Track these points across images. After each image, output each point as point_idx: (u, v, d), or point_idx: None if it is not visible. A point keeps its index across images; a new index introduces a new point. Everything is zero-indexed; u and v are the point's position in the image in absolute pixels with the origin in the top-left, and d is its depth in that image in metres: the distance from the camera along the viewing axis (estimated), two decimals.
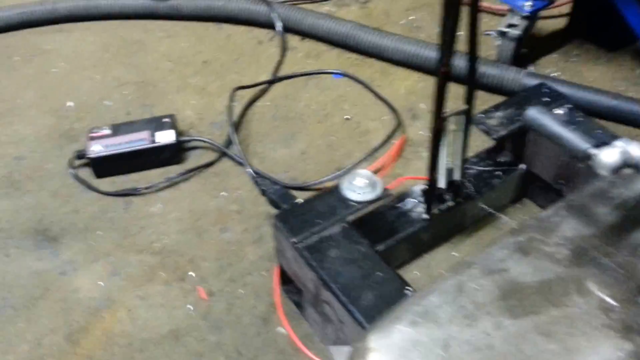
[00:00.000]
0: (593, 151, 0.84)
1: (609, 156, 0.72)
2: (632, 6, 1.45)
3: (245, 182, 1.36)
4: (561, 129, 0.97)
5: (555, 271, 0.65)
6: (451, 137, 1.02)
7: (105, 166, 1.36)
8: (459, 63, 1.47)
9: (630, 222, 0.73)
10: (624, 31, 1.49)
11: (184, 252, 1.21)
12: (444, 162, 1.04)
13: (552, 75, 1.59)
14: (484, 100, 1.53)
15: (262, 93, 1.61)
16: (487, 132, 1.14)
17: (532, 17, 1.53)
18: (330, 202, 1.00)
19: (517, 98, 1.22)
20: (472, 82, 0.97)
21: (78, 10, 1.90)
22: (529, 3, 1.48)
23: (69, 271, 1.18)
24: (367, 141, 1.45)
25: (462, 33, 0.93)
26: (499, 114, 1.17)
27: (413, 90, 1.59)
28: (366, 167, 1.34)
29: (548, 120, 0.99)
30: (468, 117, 1.01)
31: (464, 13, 0.90)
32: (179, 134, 1.43)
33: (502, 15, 1.65)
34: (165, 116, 1.43)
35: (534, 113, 1.03)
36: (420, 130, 1.47)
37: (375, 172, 1.32)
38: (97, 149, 1.34)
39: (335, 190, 1.02)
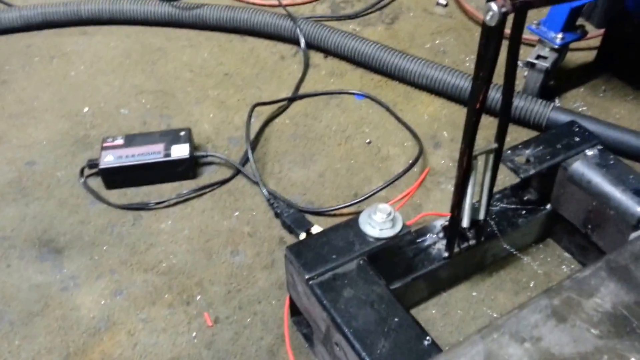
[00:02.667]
0: None
1: None
2: None
3: (259, 202, 1.32)
4: (611, 187, 0.91)
5: (593, 342, 0.59)
6: (478, 176, 0.98)
7: (116, 177, 1.33)
8: (494, 95, 1.45)
9: None
10: None
11: (192, 274, 1.17)
12: (469, 201, 0.99)
13: (579, 109, 1.54)
14: (509, 132, 1.49)
15: (282, 110, 1.58)
16: (515, 171, 1.09)
17: (562, 49, 1.48)
18: (347, 237, 0.96)
19: (547, 136, 1.17)
20: (506, 119, 0.93)
21: (102, 14, 1.88)
22: (560, 35, 1.44)
23: (70, 287, 1.15)
24: (387, 167, 1.41)
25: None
26: (528, 151, 1.12)
27: (436, 117, 1.55)
28: (386, 196, 1.30)
29: (597, 177, 0.94)
30: (498, 156, 0.97)
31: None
32: (194, 148, 1.40)
33: (531, 45, 1.60)
34: (182, 129, 1.40)
35: (580, 167, 0.98)
36: (442, 159, 1.43)
37: (394, 202, 1.29)
38: (108, 160, 1.31)
39: (353, 224, 0.97)
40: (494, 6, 0.75)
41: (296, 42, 1.76)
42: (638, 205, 0.82)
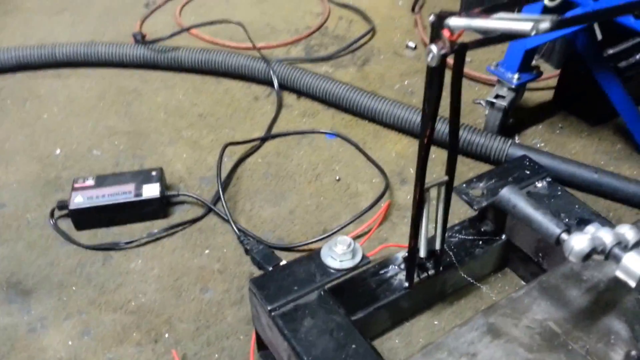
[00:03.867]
0: (564, 237, 0.84)
1: (578, 243, 0.72)
2: (614, 84, 1.48)
3: (230, 240, 1.35)
4: (533, 211, 0.97)
5: (524, 356, 0.63)
6: (432, 208, 1.03)
7: (86, 218, 1.35)
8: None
9: (601, 306, 0.72)
10: (606, 106, 1.52)
11: (161, 312, 1.19)
12: (424, 232, 1.04)
13: (537, 145, 1.61)
14: (471, 167, 1.56)
15: (255, 149, 1.63)
16: (470, 203, 1.14)
17: (519, 89, 1.56)
18: (309, 268, 0.99)
19: (500, 169, 1.23)
20: (454, 155, 0.98)
21: (77, 56, 1.94)
22: (517, 76, 1.51)
23: (38, 328, 1.16)
24: (356, 203, 1.45)
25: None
26: (481, 184, 1.17)
27: (403, 154, 1.61)
28: (353, 231, 1.35)
29: (521, 201, 1.00)
30: (449, 189, 1.01)
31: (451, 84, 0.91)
32: (166, 188, 1.43)
33: (492, 85, 1.68)
34: (153, 169, 1.44)
35: (507, 193, 1.04)
36: (408, 194, 1.48)
37: (361, 236, 1.33)
38: (78, 201, 1.34)
39: (315, 256, 1.01)
40: (433, 48, 0.81)
41: (270, 84, 1.83)
42: (557, 227, 0.87)
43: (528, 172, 1.21)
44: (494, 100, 1.55)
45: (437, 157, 1.57)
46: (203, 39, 2.08)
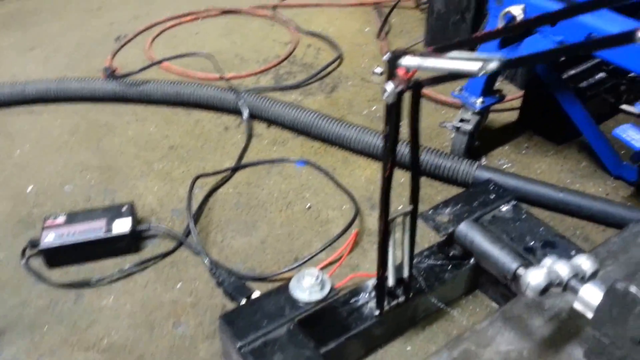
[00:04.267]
0: (520, 272, 0.87)
1: (535, 278, 0.74)
2: (575, 104, 1.53)
3: (202, 272, 1.35)
4: (490, 247, 1.00)
5: None
6: (398, 236, 1.05)
7: (58, 256, 1.35)
8: (424, 157, 1.54)
9: (563, 335, 0.74)
10: (570, 125, 1.56)
11: (134, 349, 1.19)
12: (392, 261, 1.06)
13: (503, 166, 1.65)
14: (439, 190, 1.58)
15: (226, 180, 1.64)
16: (436, 229, 1.17)
17: (483, 112, 1.60)
18: (278, 302, 1.00)
19: (466, 194, 1.25)
20: (416, 185, 1.00)
21: (48, 93, 1.94)
22: (480, 100, 1.55)
23: None
24: (327, 231, 1.47)
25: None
26: (447, 210, 1.20)
27: (373, 180, 1.63)
28: (324, 259, 1.36)
29: (478, 236, 1.03)
30: (414, 217, 1.04)
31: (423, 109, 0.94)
32: (137, 222, 1.44)
33: (459, 107, 1.72)
34: (124, 204, 1.44)
35: (464, 229, 1.07)
36: (378, 220, 1.49)
37: (332, 263, 1.34)
38: (49, 239, 1.34)
39: (283, 290, 1.02)
40: (389, 86, 0.84)
41: (240, 114, 1.84)
42: (514, 262, 0.90)
43: (493, 197, 1.24)
44: (459, 125, 1.59)
45: (407, 181, 1.59)
46: (174, 71, 2.10)
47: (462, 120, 1.60)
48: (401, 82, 0.84)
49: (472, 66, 0.73)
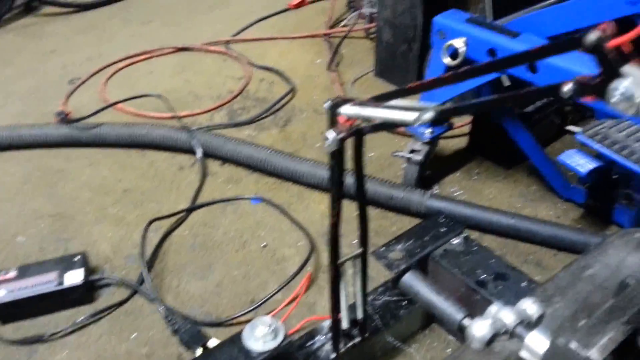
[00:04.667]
0: (465, 323, 0.88)
1: (479, 330, 0.75)
2: (520, 130, 1.57)
3: (157, 320, 1.33)
4: (435, 298, 1.01)
5: None
6: (350, 278, 1.05)
7: (10, 312, 1.32)
8: (377, 189, 1.57)
9: None
10: (518, 149, 1.61)
11: None
12: (344, 303, 1.06)
13: (455, 194, 1.68)
14: (393, 222, 1.60)
15: (181, 222, 1.63)
16: (389, 267, 1.18)
17: (433, 142, 1.63)
18: (231, 354, 1.00)
19: (417, 228, 1.27)
20: (364, 226, 1.01)
21: (1, 142, 1.91)
22: (429, 130, 1.59)
23: None
24: (283, 269, 1.47)
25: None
26: (399, 246, 1.22)
27: (327, 214, 1.64)
28: (281, 299, 1.36)
29: (422, 288, 1.04)
30: (364, 259, 1.05)
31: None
32: (90, 271, 1.41)
33: (411, 136, 1.75)
34: (76, 254, 1.41)
35: (408, 280, 1.08)
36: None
37: (288, 304, 1.34)
38: (1, 295, 1.30)
39: (236, 340, 1.02)
40: (330, 134, 0.85)
41: (194, 153, 1.84)
42: (458, 314, 0.91)
43: (444, 230, 1.27)
44: (410, 155, 1.62)
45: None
46: (128, 113, 2.09)
47: (412, 151, 1.63)
48: (342, 130, 0.86)
49: (408, 116, 0.75)
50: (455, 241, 1.24)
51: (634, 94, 0.56)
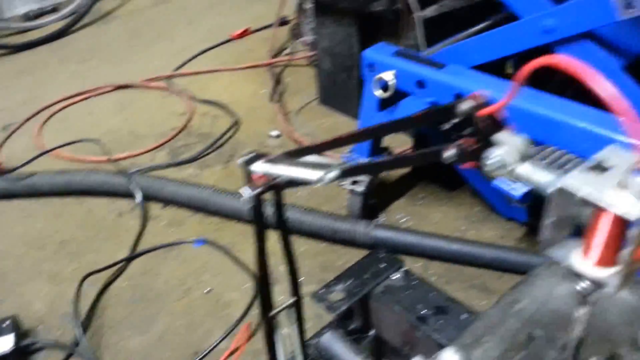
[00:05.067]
0: None
1: None
2: None
3: None
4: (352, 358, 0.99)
5: None
6: (286, 328, 1.01)
7: None
8: (322, 223, 1.54)
9: None
10: (459, 172, 1.60)
11: None
12: (282, 354, 1.02)
13: (401, 220, 1.66)
14: (340, 255, 1.57)
15: (120, 272, 1.56)
16: (329, 309, 1.14)
17: None
18: None
19: (357, 266, 1.24)
20: (294, 276, 0.98)
21: None
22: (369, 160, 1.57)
23: None
24: (228, 315, 1.42)
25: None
26: (339, 287, 1.18)
27: (273, 252, 1.58)
28: (227, 346, 1.31)
29: (340, 348, 1.01)
30: (298, 308, 1.01)
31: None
32: (22, 336, 1.34)
33: None
34: (5, 319, 1.34)
35: (327, 340, 1.05)
36: (280, 295, 1.45)
37: (233, 352, 1.29)
38: None
39: None
40: (246, 191, 0.83)
41: (134, 197, 1.78)
42: None
43: (383, 265, 1.23)
44: (352, 187, 1.59)
45: (307, 250, 1.58)
46: (64, 158, 2.01)
47: (354, 182, 1.60)
48: (257, 186, 0.83)
49: (312, 175, 0.73)
50: (395, 276, 1.21)
51: (507, 162, 0.56)
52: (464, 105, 0.58)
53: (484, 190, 1.62)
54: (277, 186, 0.85)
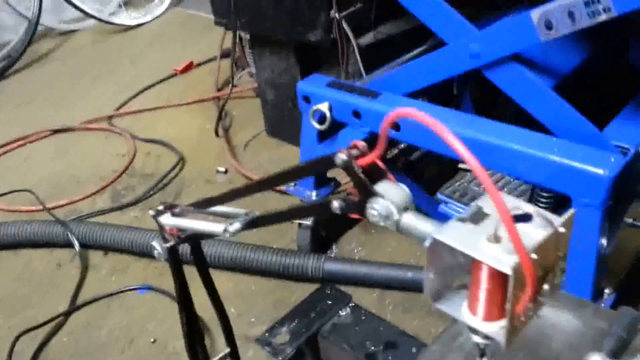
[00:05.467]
0: None
1: None
2: (404, 179, 1.55)
3: None
4: None
5: None
6: None
7: None
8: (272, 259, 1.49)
9: None
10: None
11: None
12: None
13: (354, 251, 1.62)
14: (293, 291, 1.52)
15: (59, 327, 1.47)
16: (274, 354, 1.08)
17: None
18: None
19: (303, 305, 1.19)
20: (227, 326, 0.92)
21: None
22: (314, 193, 1.53)
23: None
24: None
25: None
26: (284, 328, 1.12)
27: (222, 293, 1.51)
28: None
29: None
30: (235, 357, 0.95)
31: None
32: None
33: None
34: None
35: None
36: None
37: None
38: None
39: None
40: (156, 245, 0.78)
41: (73, 245, 1.69)
42: None
43: (331, 302, 1.19)
44: (300, 221, 1.55)
45: (258, 289, 1.53)
46: None
47: None
48: (170, 238, 0.79)
49: (216, 228, 0.70)
50: (344, 312, 1.17)
51: (390, 212, 0.55)
52: (340, 158, 0.56)
53: (435, 214, 1.60)
54: (190, 239, 0.80)
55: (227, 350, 0.93)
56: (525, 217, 0.47)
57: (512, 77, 1.10)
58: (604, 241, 1.10)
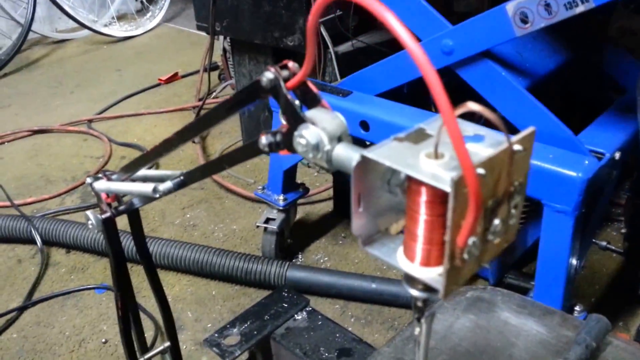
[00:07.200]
0: None
1: None
2: None
3: None
4: None
5: None
6: None
7: None
8: (233, 264, 1.45)
9: None
10: None
11: None
12: None
13: (320, 261, 1.59)
14: (254, 299, 1.47)
15: (10, 323, 1.42)
16: (221, 356, 1.04)
17: (289, 209, 1.54)
18: None
19: (257, 307, 1.15)
20: (169, 318, 0.88)
21: None
22: (282, 197, 1.50)
23: None
24: None
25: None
26: (236, 330, 1.08)
27: (181, 297, 1.49)
28: None
29: None
30: (175, 353, 0.91)
31: None
32: None
33: None
34: None
35: None
36: (184, 344, 1.34)
37: None
38: None
39: None
40: (90, 216, 0.75)
41: (35, 242, 1.65)
42: None
43: (287, 305, 1.15)
44: (265, 225, 1.51)
45: (218, 293, 1.48)
46: None
47: (268, 220, 1.52)
48: (105, 209, 0.75)
49: (147, 188, 0.66)
50: (299, 316, 1.13)
51: (321, 141, 0.46)
52: (266, 77, 0.49)
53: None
54: (128, 210, 0.77)
55: (168, 344, 0.88)
56: (476, 138, 0.40)
57: (486, 75, 1.07)
58: (573, 260, 1.03)
